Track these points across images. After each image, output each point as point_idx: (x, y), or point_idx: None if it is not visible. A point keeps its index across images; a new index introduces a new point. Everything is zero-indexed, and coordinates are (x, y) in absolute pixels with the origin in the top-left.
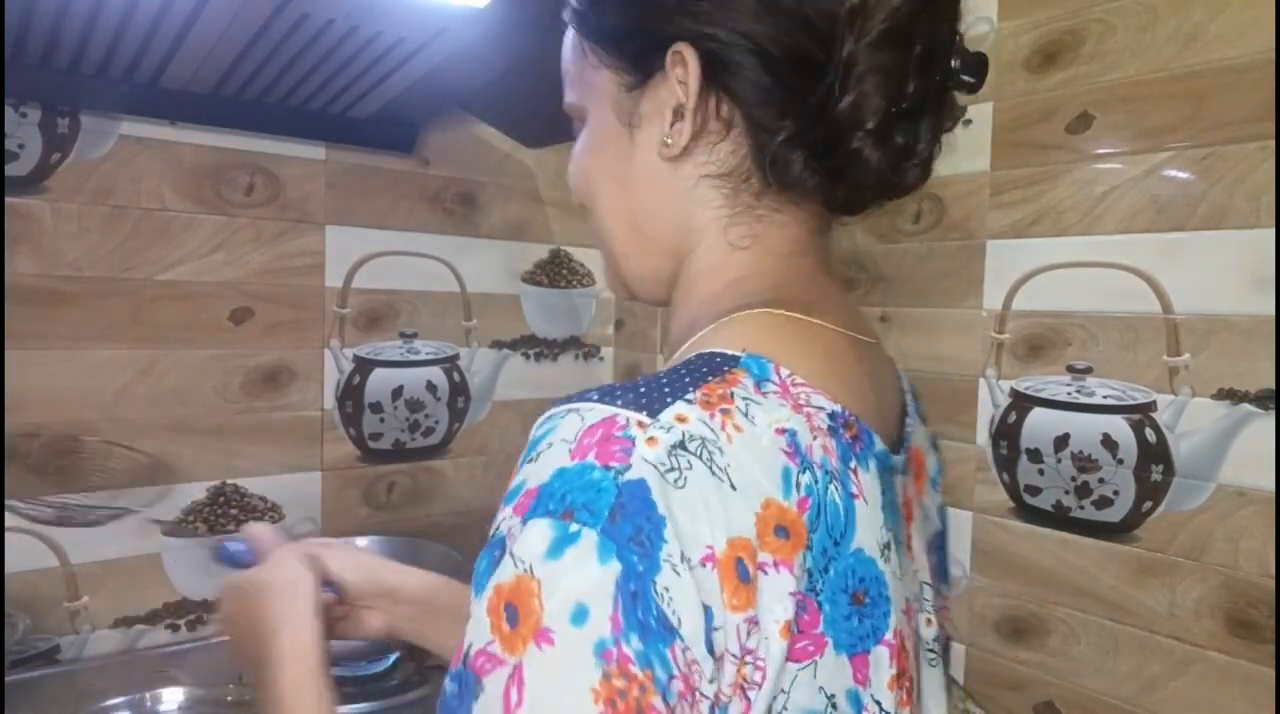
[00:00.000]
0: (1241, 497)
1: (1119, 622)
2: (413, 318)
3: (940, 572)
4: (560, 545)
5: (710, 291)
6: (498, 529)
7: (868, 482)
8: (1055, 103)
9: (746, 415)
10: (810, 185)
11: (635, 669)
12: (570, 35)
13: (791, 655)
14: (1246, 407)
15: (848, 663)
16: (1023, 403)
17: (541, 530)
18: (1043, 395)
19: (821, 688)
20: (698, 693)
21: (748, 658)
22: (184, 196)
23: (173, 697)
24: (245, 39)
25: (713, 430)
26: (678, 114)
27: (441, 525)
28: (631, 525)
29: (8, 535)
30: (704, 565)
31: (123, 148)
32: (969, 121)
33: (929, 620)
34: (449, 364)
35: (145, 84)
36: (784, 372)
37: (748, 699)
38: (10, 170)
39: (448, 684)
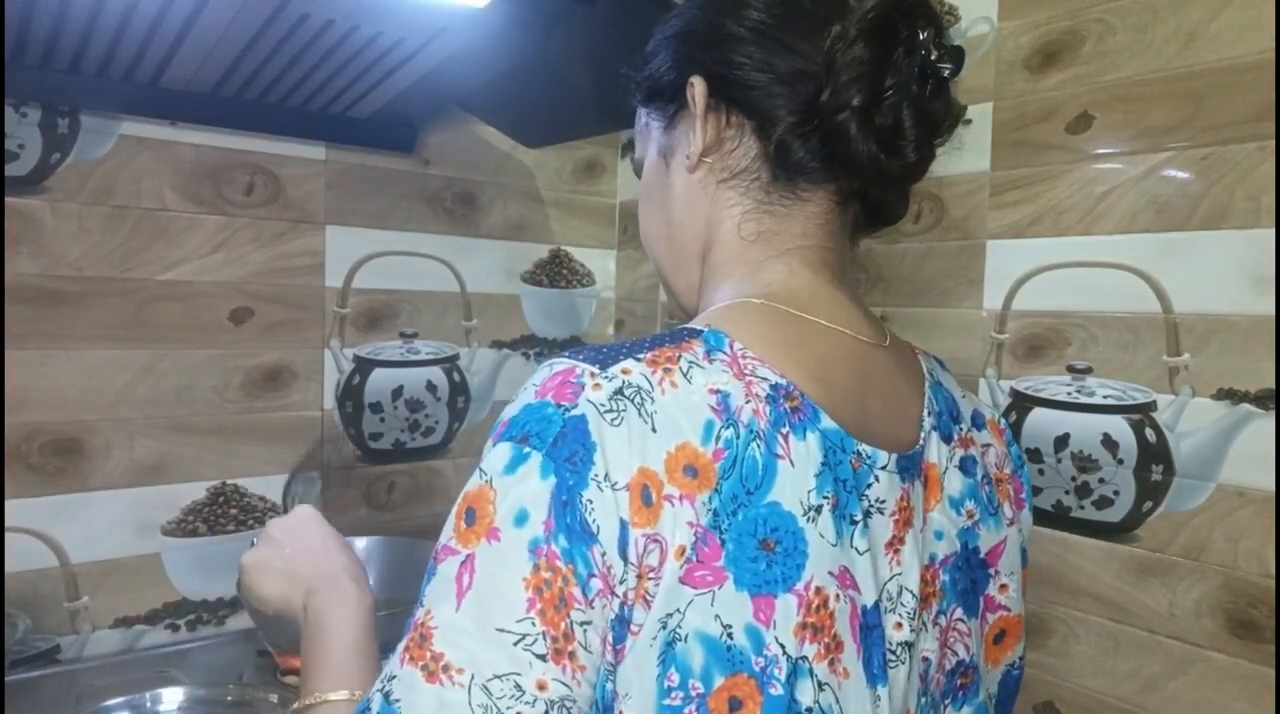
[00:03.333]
0: (1241, 497)
1: (1119, 622)
2: (413, 318)
3: (958, 595)
4: (515, 463)
5: (722, 286)
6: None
7: (799, 448)
8: (1055, 103)
9: (685, 375)
10: (813, 169)
11: (560, 564)
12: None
13: (689, 581)
14: (1246, 407)
15: (749, 600)
16: (1023, 403)
17: (503, 451)
18: (1043, 395)
19: (718, 616)
20: (614, 593)
21: (650, 574)
22: (184, 196)
23: (173, 697)
24: (245, 39)
25: (650, 383)
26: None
27: (442, 526)
28: (569, 449)
29: (8, 535)
30: (626, 489)
31: (123, 148)
32: (969, 121)
33: (898, 624)
34: (449, 364)
35: (145, 84)
36: (737, 346)
37: (648, 609)
38: (10, 170)
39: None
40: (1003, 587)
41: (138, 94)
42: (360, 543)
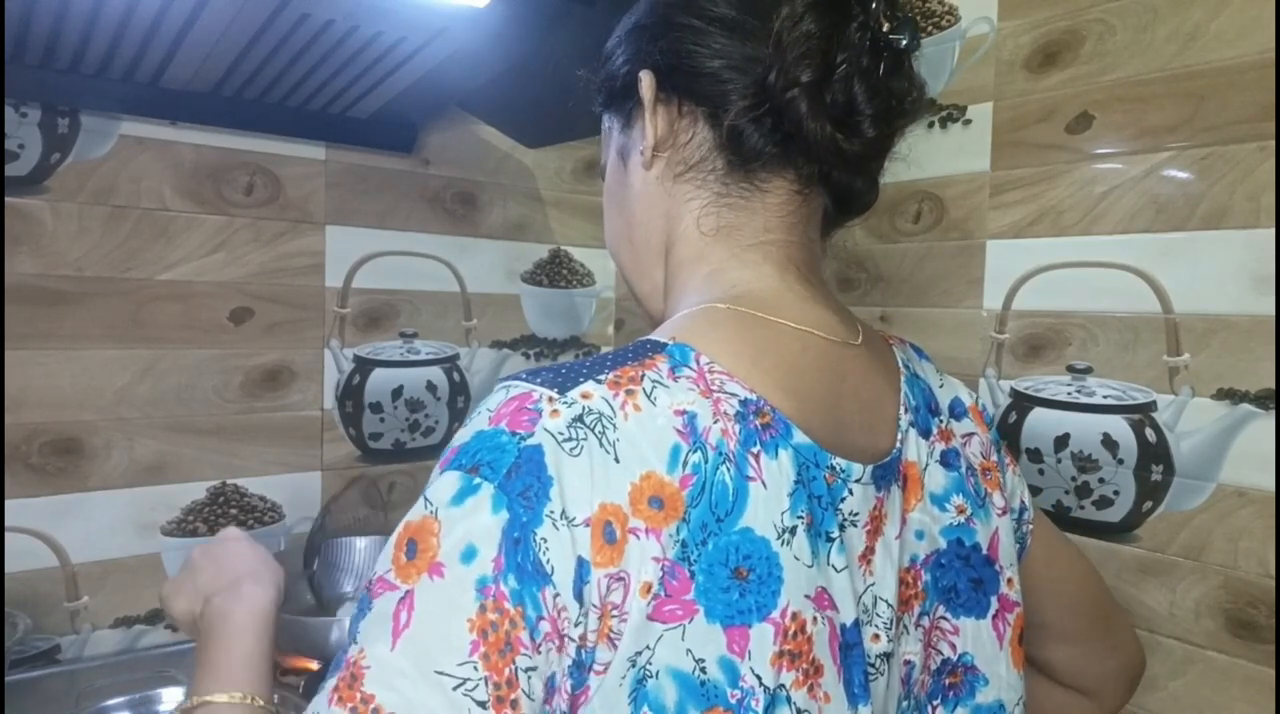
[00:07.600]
0: (1241, 497)
1: None
2: (413, 318)
3: (940, 593)
4: (464, 494)
5: (687, 287)
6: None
7: (770, 467)
8: (1055, 103)
9: (649, 396)
10: (769, 154)
11: (508, 605)
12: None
13: (658, 616)
14: (1246, 406)
15: (721, 632)
16: (1023, 403)
17: (451, 480)
18: (1043, 395)
19: (689, 651)
20: (565, 637)
21: (614, 611)
22: (184, 196)
23: (173, 697)
24: (245, 39)
25: (612, 408)
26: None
27: None
28: (523, 483)
29: (8, 535)
30: (585, 525)
31: (123, 148)
32: (969, 121)
33: (875, 636)
34: (449, 364)
35: (145, 84)
36: (703, 360)
37: (614, 648)
38: (10, 170)
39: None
40: (1009, 581)
41: (138, 94)
42: (360, 543)
